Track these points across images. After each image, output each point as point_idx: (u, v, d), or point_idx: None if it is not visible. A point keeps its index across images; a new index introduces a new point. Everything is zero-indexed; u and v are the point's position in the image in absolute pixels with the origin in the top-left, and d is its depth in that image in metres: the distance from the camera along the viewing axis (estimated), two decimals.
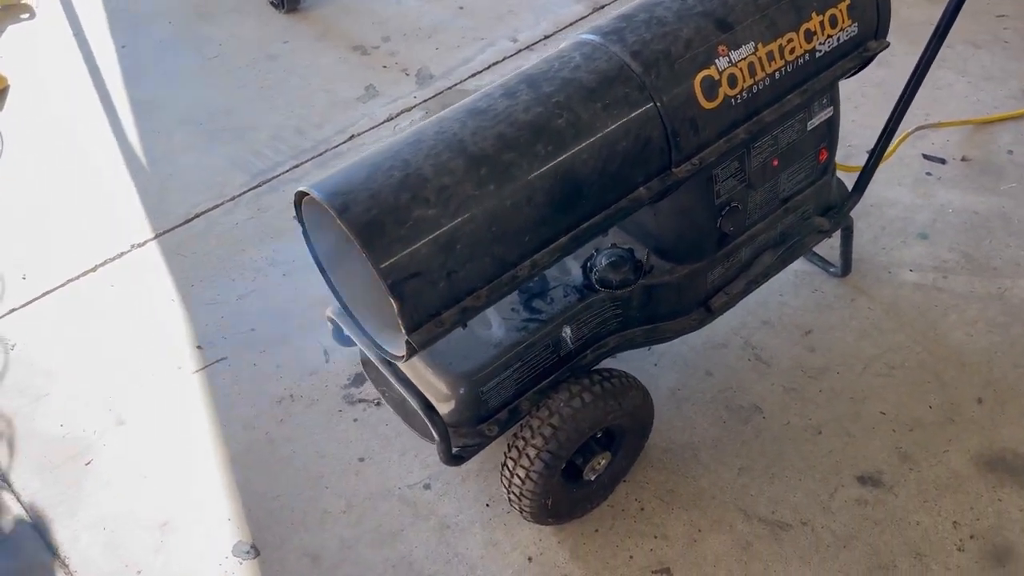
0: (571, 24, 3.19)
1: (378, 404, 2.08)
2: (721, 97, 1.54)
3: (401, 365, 1.61)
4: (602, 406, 1.65)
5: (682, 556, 1.79)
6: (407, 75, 3.02)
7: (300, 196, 1.41)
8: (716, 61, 1.52)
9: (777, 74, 1.60)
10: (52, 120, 2.93)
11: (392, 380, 1.60)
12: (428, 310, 1.35)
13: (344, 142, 2.77)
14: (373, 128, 2.81)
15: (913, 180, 2.53)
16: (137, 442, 2.02)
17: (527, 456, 1.63)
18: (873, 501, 1.85)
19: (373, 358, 1.63)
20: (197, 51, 3.17)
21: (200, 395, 2.11)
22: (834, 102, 1.81)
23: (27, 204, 2.64)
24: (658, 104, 1.48)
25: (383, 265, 1.28)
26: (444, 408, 1.64)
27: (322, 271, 1.53)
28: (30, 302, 2.35)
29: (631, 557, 1.80)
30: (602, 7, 3.26)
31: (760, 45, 1.56)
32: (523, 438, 1.64)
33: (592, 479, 1.78)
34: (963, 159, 2.58)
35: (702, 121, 1.53)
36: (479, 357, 1.63)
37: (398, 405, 1.75)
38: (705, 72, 1.51)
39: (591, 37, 1.54)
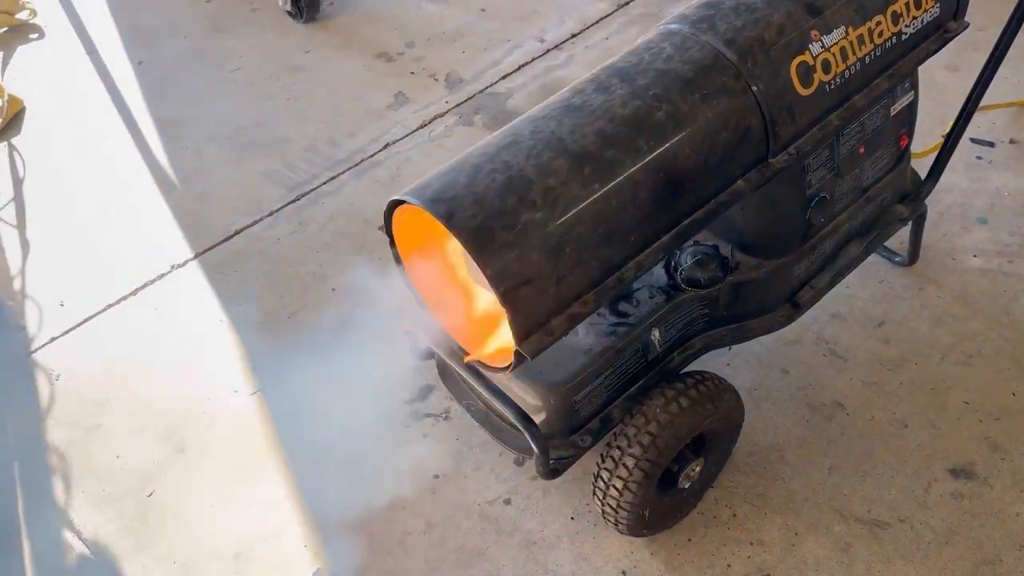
0: (597, 22, 3.14)
1: (446, 418, 2.01)
2: (816, 83, 1.48)
3: (492, 376, 1.54)
4: (700, 410, 1.59)
5: (781, 562, 1.72)
6: (436, 80, 2.95)
7: (394, 205, 1.33)
8: (810, 46, 1.46)
9: (867, 58, 1.54)
10: (73, 141, 2.85)
11: (484, 393, 1.53)
12: (537, 318, 1.28)
13: (379, 151, 2.70)
14: (408, 135, 2.74)
15: (964, 165, 2.48)
16: (199, 470, 1.94)
17: (624, 466, 1.56)
18: (969, 494, 1.79)
19: (462, 371, 1.56)
20: (218, 65, 3.09)
21: (260, 417, 2.03)
22: (914, 86, 1.76)
23: (55, 228, 2.56)
24: (756, 92, 1.42)
25: (495, 272, 1.21)
26: (535, 420, 1.57)
27: (409, 283, 1.46)
28: (71, 330, 2.27)
29: (729, 566, 1.73)
30: (626, 3, 3.21)
31: (850, 29, 1.51)
32: (619, 448, 1.57)
33: (686, 487, 1.71)
34: (1011, 141, 2.54)
35: (798, 109, 1.47)
36: (570, 365, 1.56)
37: (484, 419, 1.67)
38: (800, 58, 1.45)
39: (678, 27, 1.48)
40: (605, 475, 1.59)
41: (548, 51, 3.03)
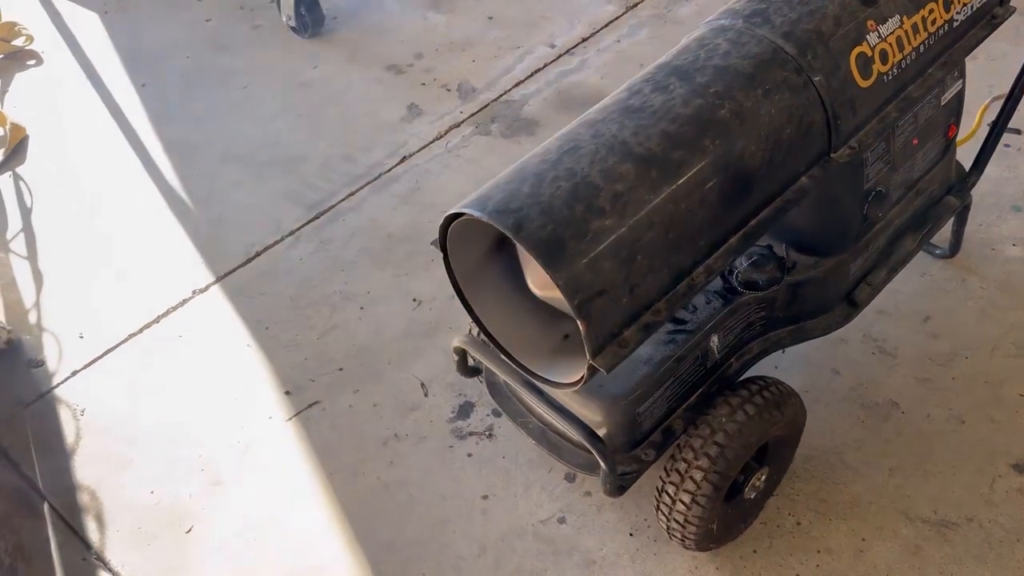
0: (607, 25, 3.09)
1: (489, 436, 1.95)
2: (875, 74, 1.44)
3: (551, 392, 1.48)
4: (767, 417, 1.53)
5: (852, 569, 1.67)
6: (448, 91, 2.90)
7: (451, 219, 1.27)
8: (867, 37, 1.42)
9: (921, 47, 1.50)
10: (80, 168, 2.78)
11: (545, 410, 1.47)
12: (611, 330, 1.22)
13: (397, 164, 2.64)
14: (424, 148, 2.68)
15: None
16: (239, 502, 1.87)
17: (691, 479, 1.50)
18: None
19: (521, 388, 1.50)
20: (223, 84, 3.02)
21: (298, 444, 1.96)
22: (963, 75, 1.72)
23: (69, 259, 2.48)
24: (817, 86, 1.37)
25: (568, 284, 1.16)
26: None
27: (464, 300, 1.40)
28: (92, 362, 2.19)
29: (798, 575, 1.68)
30: (635, 5, 3.16)
31: (905, 18, 1.47)
32: (684, 460, 1.51)
33: (752, 497, 1.65)
34: None
35: (859, 101, 1.43)
36: (630, 376, 1.50)
37: (541, 436, 1.61)
38: (858, 49, 1.41)
39: (730, 22, 1.43)
40: (671, 490, 1.53)
41: (560, 56, 2.99)
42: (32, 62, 3.28)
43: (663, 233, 1.23)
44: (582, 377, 1.26)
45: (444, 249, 1.35)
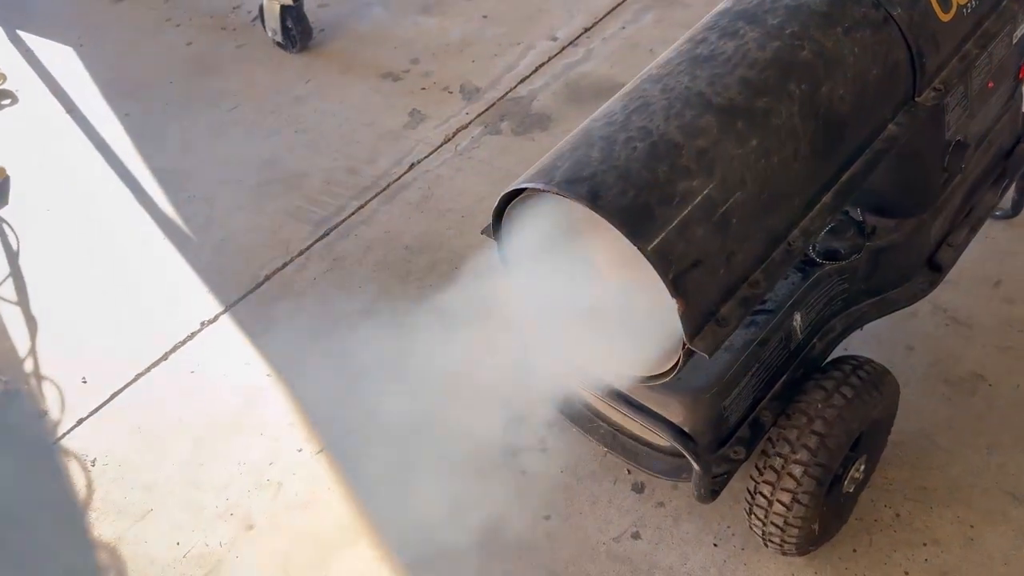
0: (609, 12, 2.95)
1: (543, 450, 1.77)
2: (954, 7, 1.30)
3: (630, 391, 1.32)
4: (866, 399, 1.37)
5: (964, 560, 1.50)
6: (450, 93, 2.75)
7: (511, 197, 1.11)
8: None
9: None
10: (67, 206, 2.60)
11: (626, 411, 1.30)
12: (709, 307, 1.06)
13: (405, 172, 2.48)
14: (433, 152, 2.53)
15: None
16: (276, 546, 1.69)
17: (791, 476, 1.34)
18: None
19: (592, 388, 1.33)
20: (211, 107, 2.86)
21: (332, 477, 1.79)
22: None
23: (62, 301, 2.30)
24: (898, 20, 1.23)
25: (660, 255, 1.00)
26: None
27: (522, 296, 1.24)
28: (99, 408, 2.01)
29: (906, 573, 1.51)
30: None
31: None
32: (779, 455, 1.35)
33: (851, 491, 1.49)
34: None
35: (941, 36, 1.29)
36: (712, 366, 1.33)
37: (613, 442, 1.44)
38: None
39: None
40: (766, 490, 1.37)
41: (564, 48, 2.84)
42: (7, 102, 3.10)
43: (757, 191, 1.08)
44: (676, 364, 1.09)
45: (498, 235, 1.19)
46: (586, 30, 2.91)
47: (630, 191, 1.01)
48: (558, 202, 1.09)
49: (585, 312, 1.21)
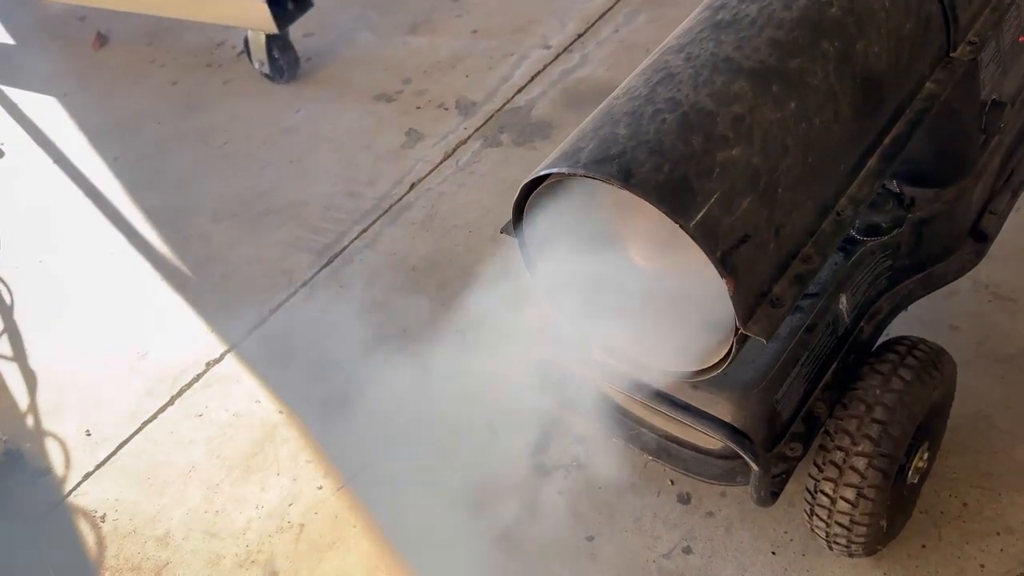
0: (601, 17, 2.89)
1: (577, 467, 1.67)
2: None
3: (673, 390, 1.22)
4: (926, 380, 1.27)
5: None
6: (446, 110, 2.67)
7: (534, 185, 1.02)
8: None
9: None
10: (60, 256, 2.51)
11: (672, 413, 1.20)
12: (760, 286, 0.97)
13: (407, 193, 2.40)
14: (433, 170, 2.45)
15: None
16: None
17: (854, 470, 1.23)
18: None
19: (632, 391, 1.23)
20: (202, 143, 2.78)
21: (356, 513, 1.68)
22: None
23: (61, 354, 2.20)
24: None
25: (706, 231, 0.90)
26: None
27: (549, 297, 1.14)
28: (106, 460, 1.91)
29: (982, 566, 1.40)
30: None
31: None
32: (840, 448, 1.25)
33: (915, 482, 1.38)
34: None
35: None
36: (759, 357, 1.24)
37: (659, 449, 1.34)
38: None
39: None
40: (828, 487, 1.26)
41: (558, 56, 2.77)
42: None
43: (801, 157, 0.99)
44: (729, 352, 1.00)
45: (519, 229, 1.10)
46: (579, 36, 2.85)
47: (665, 166, 0.92)
48: (585, 186, 1.00)
49: (621, 307, 1.11)
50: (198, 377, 2.04)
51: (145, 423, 1.97)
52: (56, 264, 2.49)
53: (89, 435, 1.97)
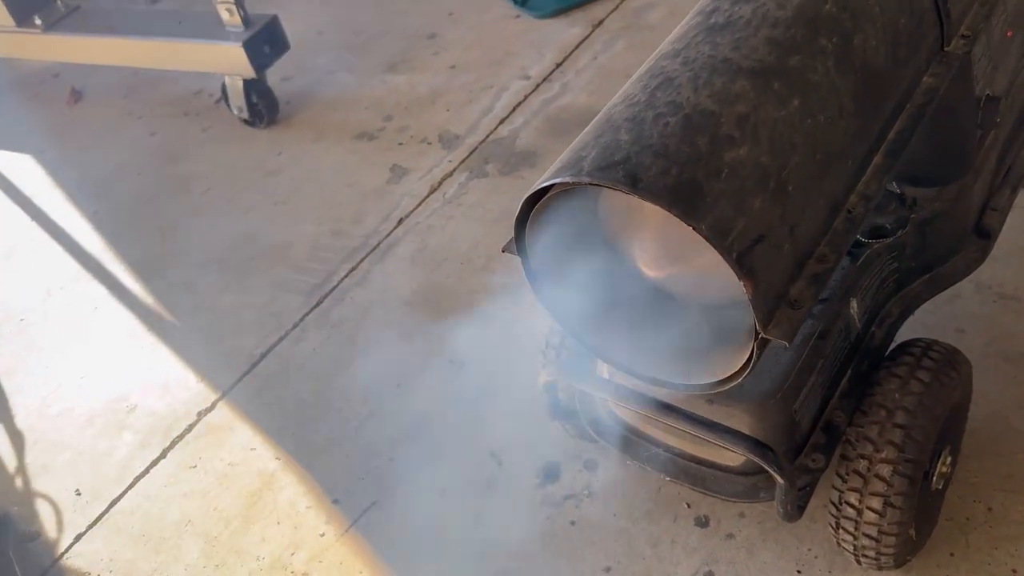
0: (578, 45, 2.89)
1: (589, 495, 1.62)
2: None
3: (690, 406, 1.18)
4: (945, 381, 1.25)
5: None
6: (429, 144, 2.65)
7: (535, 199, 0.99)
8: None
9: None
10: (41, 313, 2.44)
11: (689, 429, 1.16)
12: (778, 288, 0.93)
13: (395, 228, 2.36)
14: (420, 205, 2.42)
15: None
16: None
17: (879, 478, 1.20)
18: None
19: (645, 411, 1.19)
20: (183, 191, 2.75)
21: (364, 559, 1.62)
22: None
23: (46, 411, 2.13)
24: None
25: (720, 233, 0.87)
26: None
27: (555, 312, 1.11)
28: (99, 519, 1.83)
29: (1014, 571, 1.35)
30: (600, 22, 2.98)
31: None
32: (863, 457, 1.21)
33: (940, 488, 1.35)
34: None
35: None
36: (774, 366, 1.20)
37: (676, 469, 1.29)
38: None
39: None
40: (853, 498, 1.22)
41: (538, 85, 2.77)
42: None
43: (809, 154, 0.96)
44: (749, 359, 0.96)
45: (523, 251, 1.06)
46: (558, 65, 2.85)
47: (672, 168, 0.89)
48: (589, 197, 0.97)
49: (630, 320, 1.08)
50: (190, 428, 1.97)
51: (137, 478, 1.90)
52: (38, 321, 2.42)
53: (79, 494, 1.90)
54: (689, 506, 1.54)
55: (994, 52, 1.38)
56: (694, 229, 0.87)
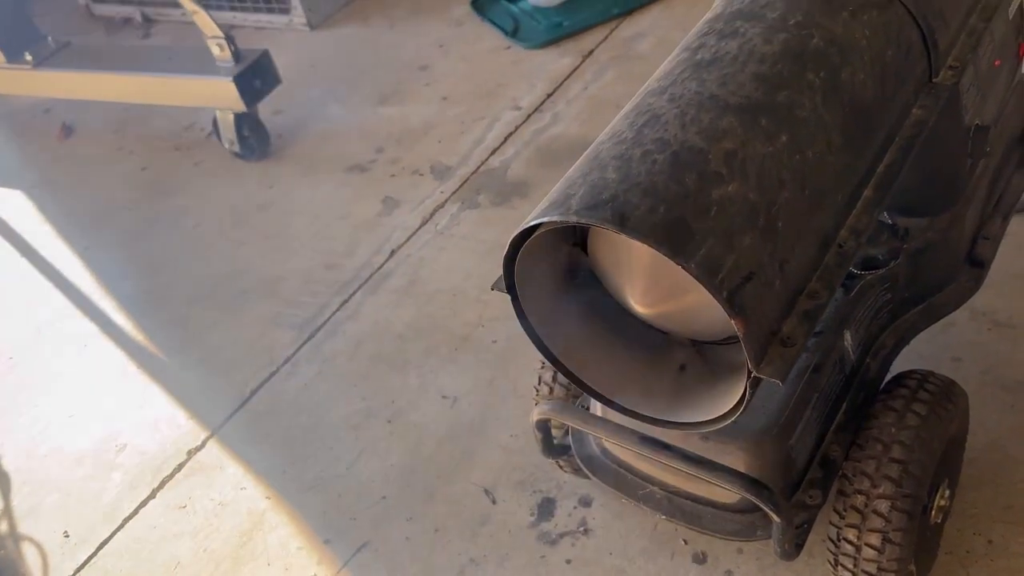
0: (569, 76, 2.90)
1: (585, 531, 1.60)
2: None
3: (684, 443, 1.16)
4: (941, 414, 1.23)
5: None
6: (421, 175, 2.65)
7: (523, 238, 0.98)
8: None
9: None
10: (30, 351, 2.42)
11: (684, 467, 1.14)
12: (770, 325, 0.92)
13: (387, 260, 2.35)
14: (412, 236, 2.41)
15: None
16: None
17: (877, 513, 1.18)
18: None
19: (638, 449, 1.17)
20: (174, 226, 2.73)
21: None
22: None
23: (34, 451, 2.10)
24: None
25: (709, 271, 0.86)
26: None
27: (547, 352, 1.09)
28: (86, 562, 1.80)
29: None
30: (590, 53, 3.00)
31: None
32: (860, 492, 1.19)
33: (939, 521, 1.33)
34: None
35: (947, 11, 1.20)
36: (769, 402, 1.19)
37: (671, 507, 1.27)
38: None
39: None
40: (851, 534, 1.20)
41: (529, 116, 2.77)
42: None
43: (798, 190, 0.96)
44: (742, 398, 0.95)
45: (512, 288, 1.05)
46: (549, 95, 2.85)
47: (660, 207, 0.88)
48: (579, 234, 0.96)
49: (621, 358, 1.07)
50: (180, 467, 1.95)
51: (126, 519, 1.87)
52: (28, 359, 2.40)
53: (68, 536, 1.87)
54: (686, 543, 1.52)
55: (982, 81, 1.38)
56: (683, 267, 0.86)
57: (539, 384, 1.46)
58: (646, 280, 0.99)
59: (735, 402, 0.96)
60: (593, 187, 0.93)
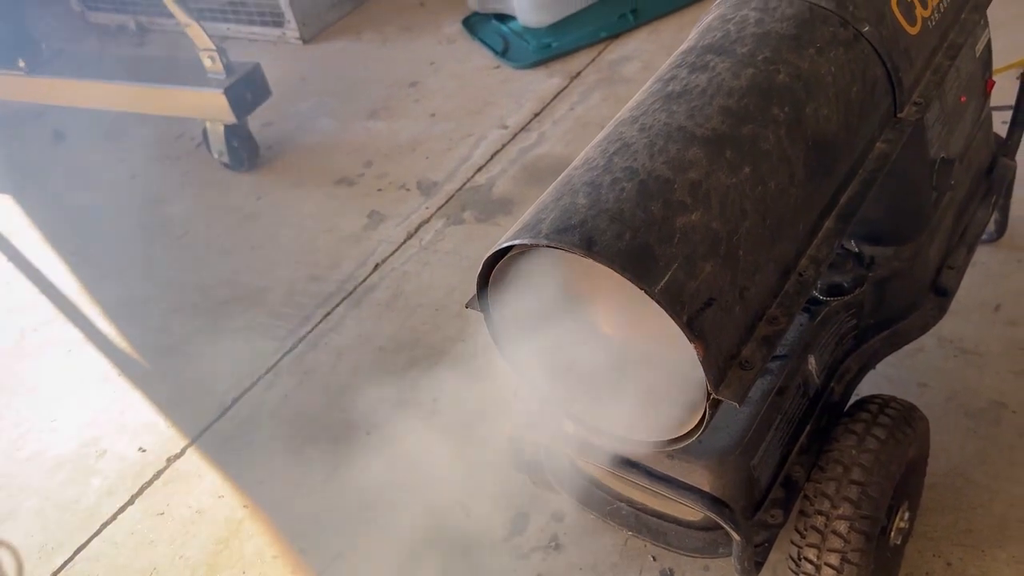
0: (556, 96, 2.95)
1: (556, 547, 1.62)
2: (920, 20, 1.27)
3: (650, 461, 1.19)
4: (900, 438, 1.27)
5: None
6: (407, 191, 2.69)
7: (495, 259, 1.01)
8: None
9: None
10: (14, 355, 2.44)
11: (648, 484, 1.17)
12: (729, 349, 0.96)
13: (371, 274, 2.38)
14: (397, 251, 2.44)
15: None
16: None
17: (836, 534, 1.21)
18: None
19: (606, 463, 1.20)
20: (162, 234, 2.76)
21: None
22: (987, 24, 1.57)
23: (16, 457, 2.12)
24: (868, 37, 1.18)
25: (671, 296, 0.90)
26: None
27: (517, 370, 1.12)
28: (62, 568, 1.81)
29: None
30: (578, 74, 3.04)
31: None
32: (820, 513, 1.23)
33: (898, 543, 1.36)
34: None
35: (912, 50, 1.25)
36: (732, 423, 1.22)
37: (637, 523, 1.31)
38: None
39: None
40: (812, 554, 1.23)
41: (516, 135, 2.82)
42: None
43: (760, 220, 1.00)
44: (702, 419, 0.98)
45: (484, 306, 1.08)
46: (536, 115, 2.90)
47: (626, 233, 0.92)
48: (548, 257, 1.00)
49: (590, 378, 1.10)
50: (159, 474, 1.97)
51: (104, 525, 1.88)
52: (11, 363, 2.42)
53: (44, 542, 1.88)
54: (655, 559, 1.55)
55: (949, 116, 1.43)
56: (646, 292, 0.89)
57: (514, 399, 1.49)
58: (613, 303, 1.02)
59: (696, 423, 0.99)
60: (564, 211, 0.97)
